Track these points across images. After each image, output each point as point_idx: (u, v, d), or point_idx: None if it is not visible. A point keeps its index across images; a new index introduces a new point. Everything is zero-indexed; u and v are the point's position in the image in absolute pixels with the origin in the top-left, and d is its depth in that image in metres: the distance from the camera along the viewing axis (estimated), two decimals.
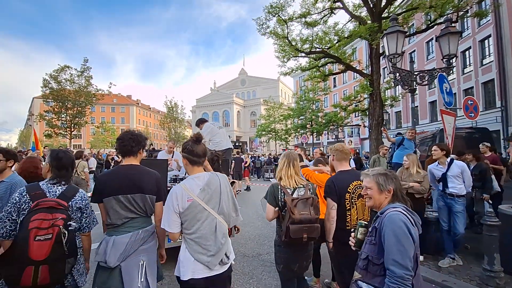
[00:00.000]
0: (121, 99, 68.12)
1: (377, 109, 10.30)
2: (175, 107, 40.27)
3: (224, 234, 1.91)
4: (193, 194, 1.82)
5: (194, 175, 1.93)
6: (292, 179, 2.48)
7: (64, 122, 17.47)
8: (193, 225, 1.82)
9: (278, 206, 2.41)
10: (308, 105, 27.20)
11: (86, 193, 2.17)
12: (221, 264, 1.85)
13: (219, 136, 5.05)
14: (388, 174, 1.74)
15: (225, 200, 1.93)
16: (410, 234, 1.45)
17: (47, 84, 17.05)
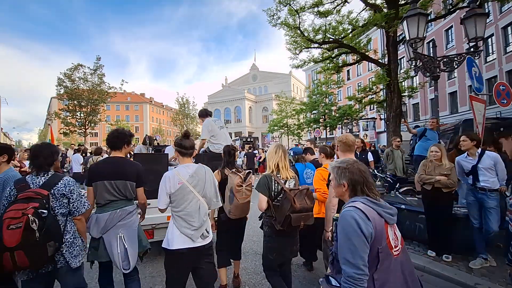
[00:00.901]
0: (134, 97, 69.12)
1: (395, 100, 9.82)
2: (187, 103, 40.41)
3: (205, 213, 2.32)
4: (183, 178, 2.25)
5: (185, 164, 2.37)
6: (286, 170, 2.67)
7: (79, 120, 17.84)
8: (181, 204, 2.23)
9: (270, 196, 2.56)
10: (321, 98, 26.55)
11: None
12: (202, 237, 2.27)
13: (219, 138, 4.73)
14: (341, 167, 1.64)
15: (208, 187, 2.35)
16: (361, 231, 1.36)
17: (62, 83, 17.36)
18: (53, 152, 2.22)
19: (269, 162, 2.72)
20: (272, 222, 2.57)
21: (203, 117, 4.96)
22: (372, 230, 1.37)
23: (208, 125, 4.67)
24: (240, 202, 2.89)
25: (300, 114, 29.74)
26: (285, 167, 2.68)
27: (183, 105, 40.21)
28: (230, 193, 2.98)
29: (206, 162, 4.19)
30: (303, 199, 2.50)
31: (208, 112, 5.04)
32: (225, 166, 3.26)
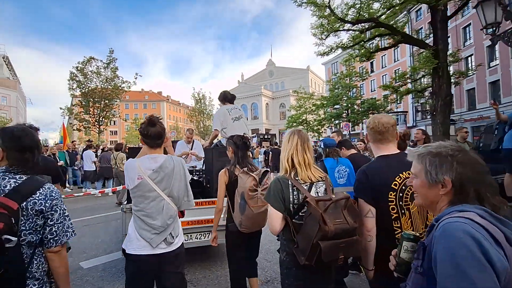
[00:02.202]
0: (152, 95, 70.17)
1: (443, 86, 8.33)
2: (203, 99, 39.59)
3: (171, 216, 1.94)
4: (144, 173, 1.87)
5: (151, 155, 1.97)
6: (308, 169, 1.77)
7: (92, 115, 17.37)
8: (140, 203, 1.89)
9: (288, 211, 1.70)
10: (344, 92, 24.92)
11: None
12: (166, 243, 1.91)
13: (231, 132, 3.96)
14: (443, 154, 1.00)
15: (177, 184, 1.96)
16: (486, 257, 0.75)
17: (74, 78, 16.80)
18: (36, 139, 1.51)
19: (282, 157, 1.83)
20: (294, 251, 1.65)
21: (221, 102, 4.40)
22: (507, 263, 0.76)
23: (220, 115, 4.11)
24: (254, 212, 2.24)
25: (320, 109, 28.24)
26: (304, 163, 1.76)
27: (199, 100, 39.38)
28: (241, 200, 2.32)
29: (214, 157, 3.55)
30: (341, 215, 1.54)
31: (227, 96, 4.33)
32: (235, 164, 2.55)
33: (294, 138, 1.81)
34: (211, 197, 3.50)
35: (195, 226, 3.33)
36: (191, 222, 3.31)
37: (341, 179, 3.03)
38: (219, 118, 4.09)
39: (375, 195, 1.64)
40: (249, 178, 2.32)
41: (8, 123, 28.07)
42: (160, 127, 1.98)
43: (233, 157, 2.61)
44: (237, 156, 2.57)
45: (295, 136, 1.82)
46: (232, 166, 2.55)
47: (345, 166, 3.13)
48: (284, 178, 1.73)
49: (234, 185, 2.46)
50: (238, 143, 2.60)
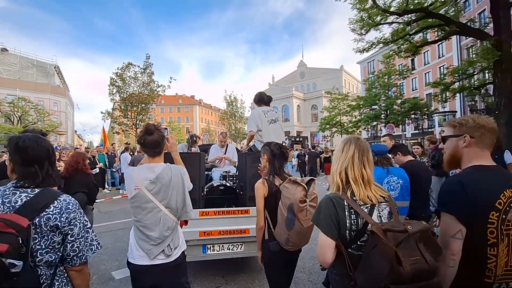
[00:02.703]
0: (185, 99, 72.59)
1: (508, 81, 7.21)
2: (235, 101, 39.78)
3: (169, 227, 1.88)
4: (141, 184, 1.83)
5: (149, 164, 1.92)
6: (368, 187, 1.41)
7: (130, 119, 18.03)
8: (138, 214, 1.85)
9: (343, 239, 1.35)
10: (382, 91, 23.36)
11: None
12: (164, 255, 1.87)
13: (266, 135, 3.79)
14: None
15: (175, 195, 1.90)
16: None
17: (114, 83, 17.64)
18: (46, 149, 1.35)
19: (333, 171, 1.52)
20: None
21: (256, 104, 4.16)
22: None
23: (255, 116, 3.87)
24: (304, 227, 1.94)
25: (357, 110, 26.84)
26: (363, 180, 1.43)
27: (231, 103, 39.66)
28: (288, 214, 2.01)
29: (248, 163, 3.34)
30: (417, 250, 1.18)
31: (263, 98, 4.09)
32: (273, 174, 2.28)
33: (350, 148, 1.47)
34: (245, 206, 3.30)
35: (228, 237, 3.13)
36: (223, 232, 3.12)
37: (392, 191, 2.62)
38: (254, 119, 3.87)
39: (473, 214, 1.29)
40: (298, 188, 1.99)
41: (58, 126, 30.64)
42: (158, 135, 1.91)
43: (267, 166, 2.33)
44: (273, 165, 2.29)
45: (352, 145, 1.47)
46: (270, 176, 2.26)
47: (397, 177, 2.71)
48: (339, 198, 1.39)
49: (275, 198, 2.15)
50: (276, 151, 2.31)
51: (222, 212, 3.20)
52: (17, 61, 36.07)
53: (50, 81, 39.92)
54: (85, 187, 3.66)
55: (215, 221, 3.14)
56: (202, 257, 3.16)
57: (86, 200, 3.67)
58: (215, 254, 3.20)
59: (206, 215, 3.13)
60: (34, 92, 34.96)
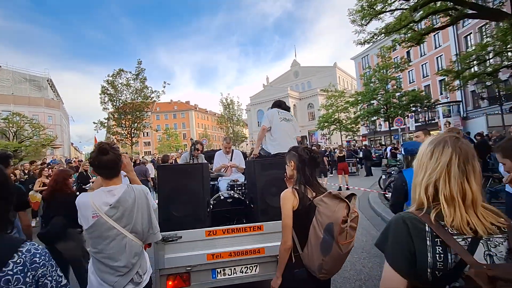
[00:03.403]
0: (180, 105, 72.20)
1: None
2: (231, 104, 39.22)
3: (136, 253, 1.75)
4: (100, 210, 1.66)
5: (107, 188, 1.74)
6: (472, 210, 0.97)
7: (124, 128, 17.39)
8: (99, 244, 1.67)
9: (420, 277, 0.97)
10: (381, 85, 22.92)
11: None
12: (133, 283, 1.74)
13: (277, 134, 3.68)
14: None
15: (140, 218, 1.76)
16: None
17: (105, 91, 16.90)
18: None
19: (416, 183, 1.07)
20: None
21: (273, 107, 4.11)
22: None
23: (269, 113, 3.84)
24: (342, 252, 1.57)
25: (355, 105, 26.42)
26: (464, 198, 0.95)
27: (228, 106, 39.08)
28: (325, 235, 1.63)
29: (257, 171, 3.03)
30: None
31: (280, 104, 4.08)
32: (304, 184, 1.86)
33: (444, 152, 1.01)
34: (256, 220, 2.91)
35: (240, 258, 2.75)
36: (234, 253, 2.74)
37: None
38: (267, 116, 3.79)
39: None
40: (341, 205, 1.59)
41: (54, 140, 30.05)
42: (114, 155, 1.73)
43: (294, 175, 1.93)
44: (304, 174, 1.87)
45: (447, 148, 1.01)
46: (301, 186, 1.83)
47: None
48: (417, 221, 0.99)
49: (306, 213, 1.77)
50: (305, 156, 1.90)
51: (231, 230, 2.81)
52: (10, 76, 35.79)
53: (44, 94, 39.59)
54: (65, 209, 3.12)
55: (225, 241, 2.78)
56: (211, 283, 2.77)
57: (65, 223, 3.13)
58: (226, 278, 2.81)
59: (214, 235, 2.74)
60: (28, 106, 34.64)
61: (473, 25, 22.95)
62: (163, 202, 2.74)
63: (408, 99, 21.11)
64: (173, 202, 2.71)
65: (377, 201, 6.84)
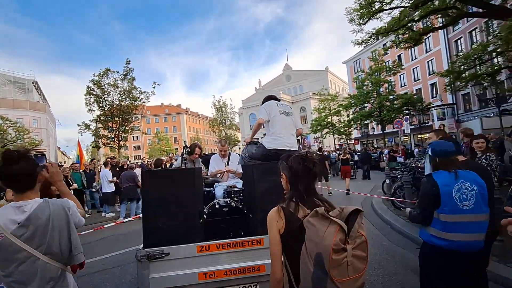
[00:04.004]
0: (172, 109, 71.28)
1: None
2: (224, 106, 38.57)
3: (52, 278, 1.54)
4: (5, 230, 1.44)
5: (17, 203, 1.54)
6: None
7: (111, 130, 16.59)
8: (6, 267, 1.47)
9: None
10: (374, 88, 22.93)
11: None
12: None
13: (276, 128, 3.23)
14: None
15: (57, 237, 1.54)
16: None
17: (91, 92, 16.09)
18: None
19: None
20: None
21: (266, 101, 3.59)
22: None
23: (267, 105, 3.38)
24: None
25: (349, 108, 26.39)
26: None
27: (220, 108, 38.39)
28: (316, 269, 1.20)
29: (256, 176, 2.76)
30: None
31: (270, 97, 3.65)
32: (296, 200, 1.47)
33: None
34: (255, 232, 2.60)
35: (237, 277, 2.45)
36: (230, 272, 2.45)
37: (465, 202, 2.01)
38: (265, 108, 3.34)
39: None
40: (330, 228, 1.20)
41: (39, 144, 28.95)
42: (26, 164, 1.53)
43: (289, 190, 1.56)
44: (296, 190, 1.48)
45: None
46: (290, 203, 1.47)
47: (469, 183, 2.07)
48: None
49: (297, 238, 1.37)
50: (297, 167, 1.49)
51: (227, 245, 2.50)
52: None
53: (29, 97, 38.28)
54: None
55: (219, 258, 2.50)
56: None
57: None
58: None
59: (207, 251, 2.42)
60: (12, 109, 33.46)
61: (463, 29, 23.27)
62: (148, 213, 2.48)
63: (402, 102, 21.13)
64: (160, 213, 2.42)
65: (382, 207, 6.47)
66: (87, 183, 8.77)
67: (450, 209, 1.98)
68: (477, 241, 2.01)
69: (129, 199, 8.03)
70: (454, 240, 2.00)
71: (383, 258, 4.02)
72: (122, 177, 8.16)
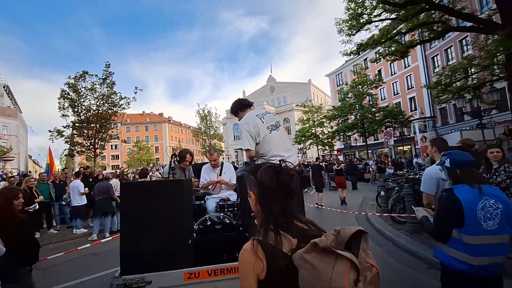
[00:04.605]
0: (153, 117, 69.40)
1: None
2: (209, 115, 37.70)
3: None
4: None
5: None
6: None
7: (87, 137, 15.35)
8: None
9: None
10: (357, 101, 23.39)
11: None
12: None
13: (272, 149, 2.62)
14: None
15: None
16: None
17: (66, 96, 14.75)
18: None
19: None
20: None
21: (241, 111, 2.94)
22: None
23: (248, 125, 2.61)
24: None
25: (332, 120, 26.73)
26: None
27: (205, 117, 37.46)
28: None
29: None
30: None
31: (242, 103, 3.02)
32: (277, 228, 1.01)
33: None
34: None
35: None
36: None
37: (489, 221, 1.78)
38: (247, 130, 2.58)
39: None
40: (340, 266, 0.80)
41: (8, 152, 26.91)
42: None
43: (260, 213, 1.14)
44: (269, 211, 1.07)
45: None
46: (269, 234, 1.02)
47: (494, 200, 1.83)
48: None
49: (285, 283, 0.96)
50: (269, 183, 1.07)
51: (220, 270, 2.15)
52: None
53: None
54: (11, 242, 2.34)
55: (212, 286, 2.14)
56: None
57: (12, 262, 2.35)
58: None
59: (196, 278, 2.08)
60: None
61: (439, 47, 24.49)
62: (127, 233, 2.14)
63: (384, 115, 21.64)
64: (141, 232, 2.12)
65: (379, 221, 6.14)
66: (56, 195, 7.83)
67: (474, 229, 1.77)
68: (499, 265, 1.82)
69: (103, 213, 7.22)
70: (478, 265, 1.75)
71: (393, 280, 3.63)
72: (94, 189, 7.36)
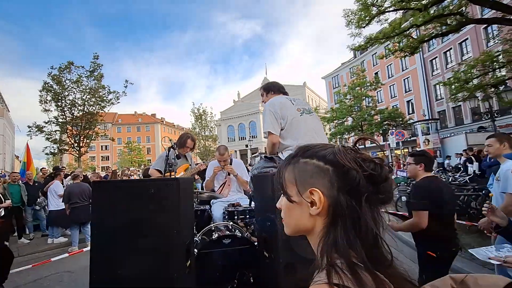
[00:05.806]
0: (146, 118, 67.93)
1: None
2: (204, 114, 36.46)
3: None
4: None
5: None
6: None
7: (71, 135, 14.04)
8: None
9: None
10: (356, 102, 22.88)
11: None
12: None
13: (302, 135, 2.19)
14: None
15: None
16: None
17: (49, 88, 13.37)
18: None
19: None
20: None
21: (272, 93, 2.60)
22: None
23: (276, 105, 2.26)
24: None
25: (329, 122, 26.20)
26: None
27: (200, 116, 36.21)
28: None
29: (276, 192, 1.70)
30: None
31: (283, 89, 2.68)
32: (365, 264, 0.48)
33: None
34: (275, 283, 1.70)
35: None
36: None
37: None
38: (272, 111, 2.25)
39: None
40: None
41: None
42: None
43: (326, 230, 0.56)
44: (356, 230, 0.51)
45: None
46: (355, 272, 0.46)
47: None
48: None
49: None
50: (358, 177, 0.53)
51: None
52: None
53: None
54: None
55: None
56: None
57: None
58: None
59: None
60: None
61: (438, 49, 24.29)
62: (99, 251, 1.58)
63: (384, 117, 21.20)
64: (121, 251, 1.55)
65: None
66: (29, 199, 6.77)
67: None
68: None
69: (81, 222, 6.13)
70: None
71: None
72: (69, 191, 6.09)
